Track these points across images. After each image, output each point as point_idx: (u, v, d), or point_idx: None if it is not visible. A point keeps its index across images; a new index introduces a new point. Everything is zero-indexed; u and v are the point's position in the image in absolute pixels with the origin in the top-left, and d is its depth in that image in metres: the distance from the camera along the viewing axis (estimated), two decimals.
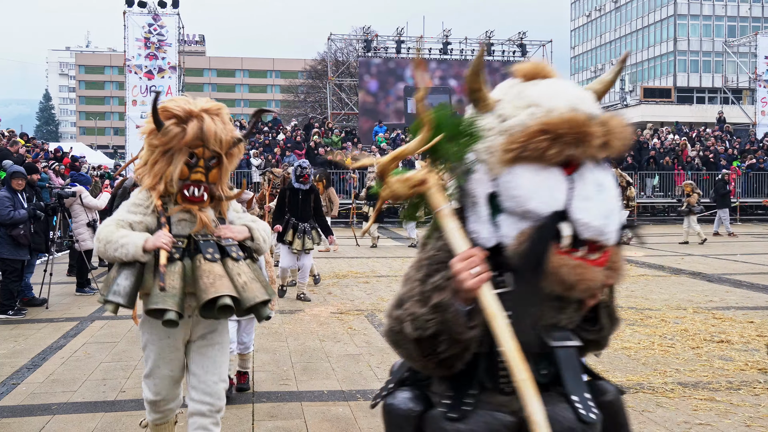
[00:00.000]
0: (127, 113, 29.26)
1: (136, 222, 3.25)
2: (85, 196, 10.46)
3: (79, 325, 8.02)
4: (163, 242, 3.14)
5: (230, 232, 3.39)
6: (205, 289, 3.15)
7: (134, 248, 3.11)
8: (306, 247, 9.31)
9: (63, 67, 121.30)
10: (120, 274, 3.16)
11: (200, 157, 3.27)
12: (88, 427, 4.66)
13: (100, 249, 3.18)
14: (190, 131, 3.22)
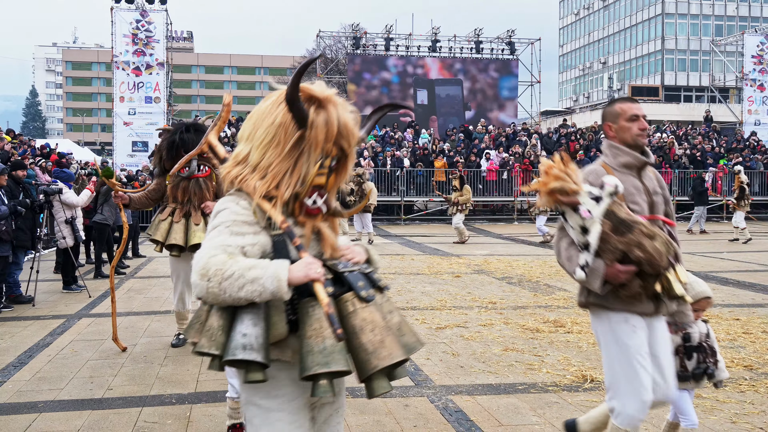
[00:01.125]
0: (115, 110, 29.13)
1: (249, 245, 2.35)
2: (64, 193, 10.27)
3: (66, 323, 7.98)
4: (318, 272, 2.28)
5: (355, 254, 2.54)
6: (374, 351, 2.32)
7: (274, 283, 2.23)
8: None
9: (50, 63, 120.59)
10: (241, 319, 2.33)
11: (327, 155, 2.46)
12: (74, 424, 4.64)
13: (212, 290, 2.25)
14: (333, 121, 2.45)
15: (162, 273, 12.16)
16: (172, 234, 6.27)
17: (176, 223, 6.31)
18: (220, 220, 2.38)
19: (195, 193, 6.33)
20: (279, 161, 2.41)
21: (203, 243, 2.36)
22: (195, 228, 6.29)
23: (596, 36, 73.24)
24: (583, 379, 5.63)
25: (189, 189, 6.34)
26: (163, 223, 6.36)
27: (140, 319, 8.14)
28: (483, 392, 5.31)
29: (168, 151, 6.30)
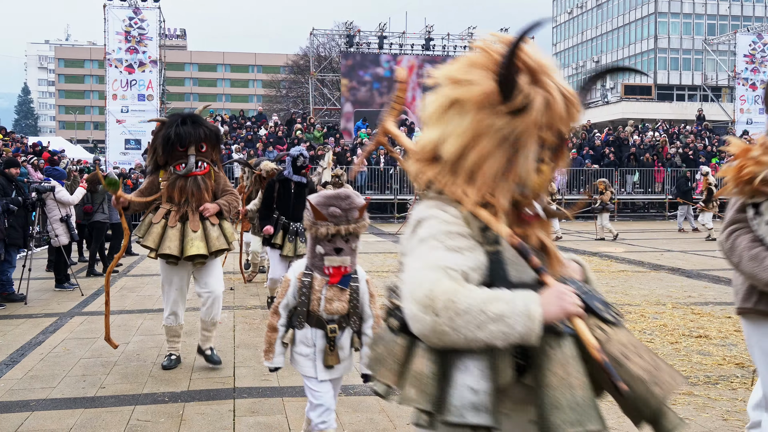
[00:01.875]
0: (108, 107, 29.04)
1: (471, 268, 1.80)
2: (57, 191, 10.26)
3: (58, 321, 7.96)
4: (576, 306, 1.80)
5: (575, 270, 2.08)
6: (652, 379, 1.87)
7: (525, 322, 1.70)
8: (299, 251, 7.64)
9: (42, 60, 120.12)
10: (465, 368, 1.82)
11: (543, 144, 1.89)
12: (67, 423, 4.63)
13: (441, 328, 1.69)
14: (557, 100, 1.85)
15: (155, 271, 12.12)
16: (166, 241, 5.59)
17: (171, 228, 5.63)
18: (429, 231, 1.84)
19: (193, 193, 5.70)
20: (490, 161, 1.85)
21: (408, 261, 1.84)
22: (192, 236, 5.64)
23: (589, 35, 73.38)
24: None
25: (186, 188, 5.69)
26: (156, 226, 5.65)
27: (133, 318, 8.12)
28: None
29: (163, 146, 5.67)
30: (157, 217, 5.70)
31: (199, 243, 5.63)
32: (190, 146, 5.67)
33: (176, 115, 5.86)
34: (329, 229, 3.47)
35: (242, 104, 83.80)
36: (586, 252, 15.17)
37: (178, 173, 5.70)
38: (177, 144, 5.63)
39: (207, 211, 5.73)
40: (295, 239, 7.77)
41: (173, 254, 5.60)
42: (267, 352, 3.68)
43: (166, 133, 5.66)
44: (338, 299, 3.57)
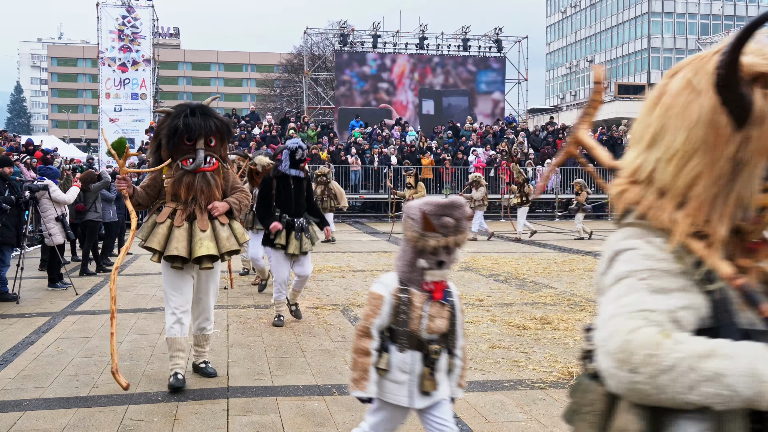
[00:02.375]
0: (101, 106, 28.99)
1: (680, 309, 1.48)
2: (53, 190, 10.23)
3: (51, 321, 7.93)
4: None
5: None
6: None
7: (752, 384, 1.36)
8: (304, 248, 7.40)
9: (35, 59, 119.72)
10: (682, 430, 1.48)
11: None
12: (60, 423, 4.61)
13: (640, 386, 1.41)
14: None
15: (148, 270, 12.10)
16: (173, 242, 5.11)
17: (177, 228, 5.15)
18: (629, 267, 1.54)
19: (202, 190, 5.19)
20: (706, 180, 1.54)
21: (602, 303, 1.57)
22: (201, 235, 5.18)
23: (583, 34, 73.55)
24: (570, 375, 5.66)
25: (194, 185, 5.17)
26: (161, 226, 5.17)
27: (126, 317, 8.10)
28: (470, 389, 5.31)
29: (169, 138, 5.15)
30: (162, 217, 5.20)
31: (209, 243, 5.15)
32: (199, 139, 5.15)
33: (184, 105, 5.27)
34: (439, 242, 3.02)
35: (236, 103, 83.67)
36: (580, 251, 15.20)
37: (186, 169, 5.16)
38: (185, 137, 5.12)
39: (216, 210, 5.24)
40: (301, 236, 7.35)
41: (181, 255, 5.10)
42: (360, 381, 3.07)
43: (173, 125, 5.13)
44: (440, 316, 3.16)
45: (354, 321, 7.80)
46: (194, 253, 5.13)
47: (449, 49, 35.24)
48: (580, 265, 12.80)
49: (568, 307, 8.62)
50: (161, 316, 8.14)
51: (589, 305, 8.73)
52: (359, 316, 8.03)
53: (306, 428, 4.51)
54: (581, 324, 7.62)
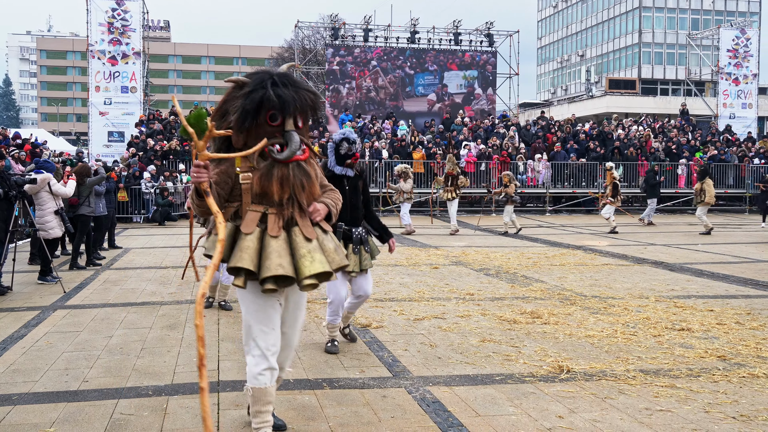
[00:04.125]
0: (90, 99, 28.81)
1: None
2: (53, 184, 10.38)
3: (40, 315, 7.90)
4: None
5: None
6: None
7: None
8: (364, 265, 6.12)
9: (24, 51, 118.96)
10: None
11: None
12: (49, 417, 4.60)
13: None
14: None
15: (138, 264, 12.07)
16: (272, 259, 3.65)
17: (274, 238, 3.71)
18: None
19: (302, 186, 3.79)
20: None
21: None
22: (308, 247, 3.77)
23: (574, 29, 73.62)
24: (560, 369, 5.67)
25: (291, 179, 3.74)
26: (249, 238, 3.69)
27: (116, 311, 8.07)
28: (460, 383, 5.33)
29: (247, 115, 3.66)
30: (249, 225, 3.73)
31: (321, 257, 3.77)
32: (289, 118, 3.73)
33: (264, 73, 3.80)
34: None
35: None
36: (570, 245, 15.24)
37: (278, 158, 3.70)
38: (269, 114, 3.69)
39: (318, 214, 3.90)
40: (360, 250, 6.08)
41: (289, 276, 3.68)
42: None
43: (256, 97, 3.64)
44: None
45: None
46: (303, 271, 3.70)
47: (440, 43, 35.20)
48: (571, 259, 12.83)
49: (558, 302, 8.64)
50: (151, 310, 8.13)
51: (580, 299, 8.76)
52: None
53: (297, 422, 4.51)
54: (571, 318, 7.65)
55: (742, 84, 35.61)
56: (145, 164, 23.11)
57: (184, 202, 23.26)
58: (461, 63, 34.92)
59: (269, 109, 3.66)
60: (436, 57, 34.66)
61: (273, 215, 3.77)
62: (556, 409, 4.75)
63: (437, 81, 34.59)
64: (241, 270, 3.66)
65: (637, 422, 4.51)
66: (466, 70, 34.88)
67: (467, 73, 34.90)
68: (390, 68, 34.08)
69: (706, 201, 18.65)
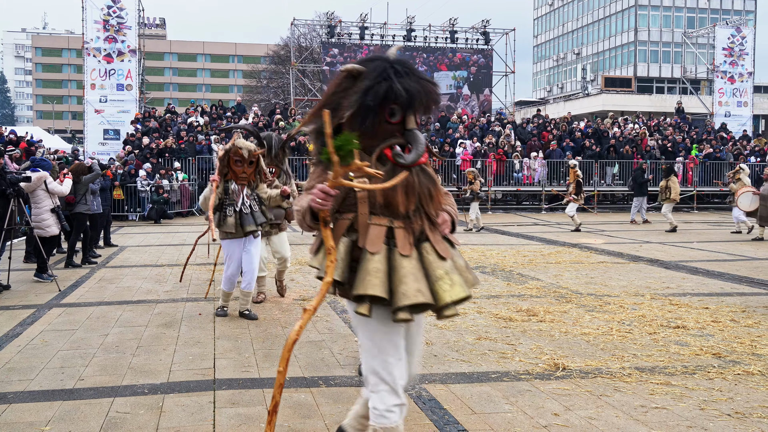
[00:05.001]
0: (86, 97, 28.73)
1: None
2: (49, 182, 10.40)
3: (36, 313, 7.88)
4: None
5: None
6: None
7: None
8: None
9: (19, 49, 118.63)
10: None
11: None
12: (45, 415, 4.59)
13: None
14: None
15: (134, 262, 12.05)
16: (408, 283, 3.01)
17: (405, 257, 3.06)
18: None
19: (429, 194, 3.17)
20: None
21: None
22: (444, 268, 3.13)
23: (570, 27, 73.65)
24: (555, 367, 5.68)
25: (416, 187, 3.11)
26: (375, 259, 3.03)
27: (112, 309, 8.06)
28: (456, 381, 5.33)
29: (367, 111, 3.02)
30: (374, 242, 3.07)
31: (459, 279, 3.16)
32: (411, 115, 3.15)
33: (380, 61, 3.13)
34: None
35: (222, 94, 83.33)
36: (566, 243, 15.26)
37: (403, 162, 3.07)
38: (390, 105, 3.05)
39: (447, 226, 3.26)
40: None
41: (424, 302, 3.03)
42: None
43: (380, 92, 3.01)
44: None
45: (341, 313, 7.81)
46: (441, 297, 3.08)
47: (437, 41, 35.21)
48: (567, 257, 12.85)
49: (554, 299, 8.66)
50: (147, 308, 8.12)
51: (575, 297, 8.77)
52: (346, 308, 8.05)
53: (292, 420, 4.52)
54: (567, 316, 7.67)
55: (737, 82, 35.66)
56: (141, 162, 23.06)
57: (180, 200, 23.26)
58: (450, 63, 34.92)
59: (392, 104, 3.06)
60: (426, 57, 34.67)
61: (401, 230, 3.12)
62: (552, 406, 4.76)
63: None
64: (365, 296, 3.04)
65: (632, 419, 4.52)
66: (456, 71, 34.88)
67: (457, 74, 34.92)
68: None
69: (671, 198, 18.72)
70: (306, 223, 3.13)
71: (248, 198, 7.26)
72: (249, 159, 7.12)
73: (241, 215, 7.22)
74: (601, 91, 53.14)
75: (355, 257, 3.09)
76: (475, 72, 35.34)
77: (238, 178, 7.20)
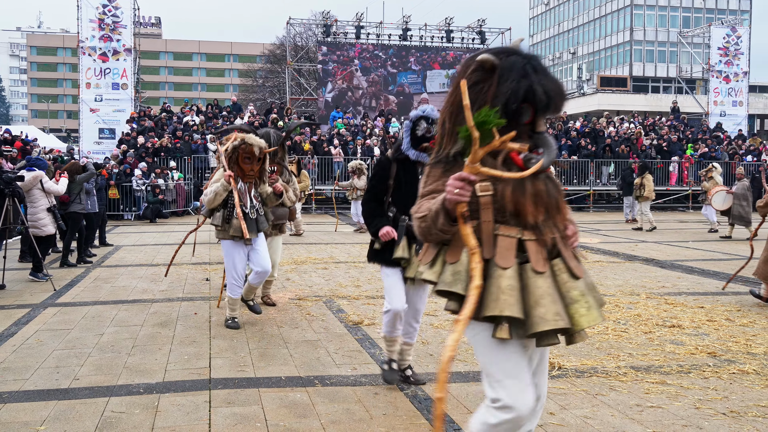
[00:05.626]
0: (81, 96, 28.65)
1: None
2: (45, 181, 10.40)
3: (31, 312, 7.86)
4: None
5: None
6: None
7: None
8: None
9: (14, 48, 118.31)
10: None
11: None
12: (40, 415, 4.58)
13: None
14: None
15: (129, 262, 12.03)
16: (544, 305, 2.68)
17: (539, 275, 2.72)
18: None
19: (557, 205, 2.85)
20: None
21: None
22: (578, 287, 2.79)
23: (566, 26, 73.74)
24: (551, 366, 5.69)
25: (545, 197, 2.79)
26: (508, 274, 2.69)
27: (107, 308, 8.05)
28: (452, 380, 5.33)
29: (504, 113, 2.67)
30: (505, 256, 2.72)
31: (594, 301, 2.83)
32: (541, 117, 2.88)
33: (516, 55, 2.81)
34: None
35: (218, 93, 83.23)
36: None
37: (538, 167, 2.72)
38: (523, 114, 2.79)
39: (576, 240, 2.96)
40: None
41: (566, 328, 2.74)
42: None
43: (520, 91, 2.71)
44: None
45: (336, 312, 7.81)
46: (577, 321, 2.76)
47: (432, 41, 35.22)
48: None
49: None
50: (143, 307, 8.11)
51: None
52: (342, 307, 8.04)
53: (288, 419, 4.51)
54: None
55: (732, 82, 35.73)
56: (137, 161, 23.03)
57: (176, 199, 23.22)
58: (444, 62, 34.94)
59: (522, 103, 2.74)
60: (419, 56, 34.68)
61: (533, 243, 2.76)
62: (548, 405, 4.76)
63: (420, 80, 34.63)
64: (500, 317, 2.68)
65: (627, 418, 4.53)
66: (449, 69, 34.90)
67: (450, 72, 34.94)
68: (372, 67, 34.07)
69: (645, 195, 18.76)
70: (437, 228, 2.68)
71: (255, 199, 6.89)
72: (258, 157, 6.76)
73: (246, 218, 6.75)
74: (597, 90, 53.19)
75: (487, 274, 2.69)
76: None
77: (245, 176, 6.80)
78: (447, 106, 2.87)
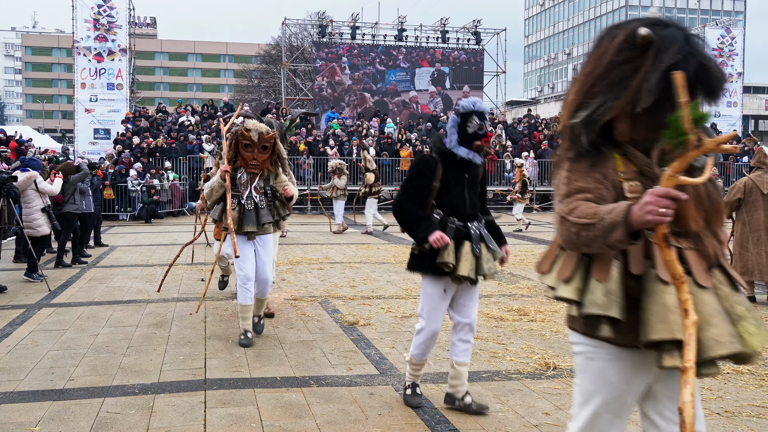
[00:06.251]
0: (76, 96, 28.61)
1: None
2: (39, 181, 10.39)
3: (25, 313, 7.85)
4: None
5: None
6: None
7: None
8: (488, 269, 4.54)
9: (8, 48, 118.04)
10: None
11: None
12: (35, 416, 4.58)
13: None
14: None
15: (124, 262, 12.01)
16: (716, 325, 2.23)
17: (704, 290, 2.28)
18: None
19: (717, 211, 2.45)
20: None
21: None
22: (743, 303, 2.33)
23: (561, 27, 73.90)
24: (546, 366, 5.70)
25: (705, 201, 2.40)
26: (671, 290, 2.19)
27: (102, 309, 8.04)
28: (447, 380, 5.34)
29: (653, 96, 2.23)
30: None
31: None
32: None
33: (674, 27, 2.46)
34: None
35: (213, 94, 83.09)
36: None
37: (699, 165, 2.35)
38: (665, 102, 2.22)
39: (726, 248, 2.55)
40: (480, 251, 4.52)
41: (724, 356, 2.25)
42: None
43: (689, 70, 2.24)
44: None
45: (332, 313, 7.81)
46: (747, 342, 2.26)
47: (428, 41, 35.24)
48: None
49: (545, 299, 8.68)
50: (138, 308, 8.10)
51: None
52: (337, 307, 8.04)
53: (284, 420, 4.51)
54: (558, 315, 7.69)
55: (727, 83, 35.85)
56: (132, 161, 23.00)
57: (171, 199, 23.19)
58: (432, 59, 34.98)
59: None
60: (408, 54, 34.72)
61: (693, 253, 2.33)
62: (543, 405, 4.78)
63: (409, 77, 34.67)
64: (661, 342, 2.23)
65: None
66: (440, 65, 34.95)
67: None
68: (361, 64, 34.10)
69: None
70: (607, 242, 2.18)
71: (257, 191, 6.29)
72: (261, 143, 6.14)
73: (243, 211, 6.24)
74: None
75: (629, 287, 2.31)
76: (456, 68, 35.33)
77: (247, 166, 6.22)
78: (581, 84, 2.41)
